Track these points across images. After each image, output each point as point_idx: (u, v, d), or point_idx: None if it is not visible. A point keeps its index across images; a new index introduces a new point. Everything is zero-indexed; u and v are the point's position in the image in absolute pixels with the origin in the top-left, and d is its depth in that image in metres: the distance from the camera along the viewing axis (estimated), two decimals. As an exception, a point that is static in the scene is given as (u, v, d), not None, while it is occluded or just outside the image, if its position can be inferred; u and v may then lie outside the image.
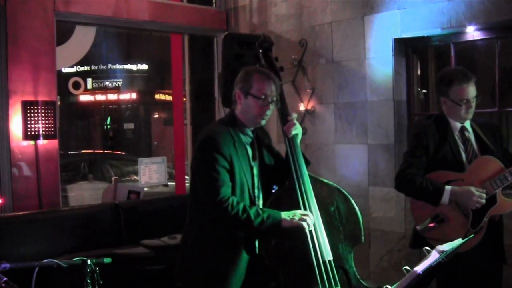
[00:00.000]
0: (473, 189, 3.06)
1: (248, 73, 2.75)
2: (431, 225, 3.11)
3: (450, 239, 3.07)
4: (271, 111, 2.74)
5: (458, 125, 3.26)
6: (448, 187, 3.09)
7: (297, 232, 2.62)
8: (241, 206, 2.58)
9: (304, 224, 2.61)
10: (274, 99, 2.71)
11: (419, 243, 3.13)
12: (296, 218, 2.62)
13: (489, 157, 3.18)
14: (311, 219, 2.64)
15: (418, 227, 3.17)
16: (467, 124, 3.29)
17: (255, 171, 2.76)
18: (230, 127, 2.71)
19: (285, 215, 2.62)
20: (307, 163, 2.89)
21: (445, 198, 3.08)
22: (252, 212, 2.58)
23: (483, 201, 3.06)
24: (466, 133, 3.27)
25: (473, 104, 3.21)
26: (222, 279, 2.66)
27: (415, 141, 3.29)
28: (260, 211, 2.60)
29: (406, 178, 3.19)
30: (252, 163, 2.75)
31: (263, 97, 2.67)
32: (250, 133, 2.78)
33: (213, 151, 2.59)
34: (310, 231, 2.64)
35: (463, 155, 3.22)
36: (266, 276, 2.74)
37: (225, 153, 2.60)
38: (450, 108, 3.24)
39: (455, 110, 3.22)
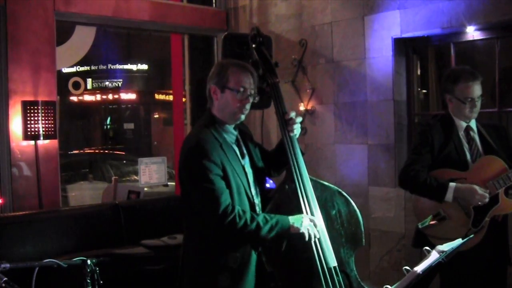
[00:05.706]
0: (476, 187, 3.06)
1: (223, 66, 2.57)
2: (432, 222, 3.10)
3: (450, 237, 3.05)
4: (250, 104, 2.58)
5: (463, 124, 3.26)
6: (452, 184, 3.09)
7: (303, 239, 2.53)
8: (248, 215, 2.43)
9: (311, 233, 2.50)
10: (253, 92, 2.55)
11: (421, 242, 3.07)
12: (305, 223, 2.49)
13: (493, 157, 3.18)
14: (318, 224, 2.53)
15: (419, 225, 3.16)
16: (473, 124, 3.29)
17: (247, 169, 2.62)
18: (212, 129, 2.53)
19: (293, 219, 2.49)
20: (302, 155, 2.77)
21: (449, 194, 3.08)
22: (260, 218, 2.44)
23: (486, 200, 3.05)
24: (471, 133, 3.27)
25: (478, 104, 3.21)
26: None
27: (420, 139, 3.29)
28: (268, 217, 2.46)
29: (410, 174, 3.19)
30: (242, 162, 2.61)
31: (241, 89, 2.51)
32: (233, 131, 2.62)
33: (203, 160, 2.41)
34: (315, 240, 2.55)
35: (468, 154, 3.22)
36: (265, 276, 2.71)
37: (215, 160, 2.43)
38: (454, 106, 3.25)
39: (459, 109, 3.22)
